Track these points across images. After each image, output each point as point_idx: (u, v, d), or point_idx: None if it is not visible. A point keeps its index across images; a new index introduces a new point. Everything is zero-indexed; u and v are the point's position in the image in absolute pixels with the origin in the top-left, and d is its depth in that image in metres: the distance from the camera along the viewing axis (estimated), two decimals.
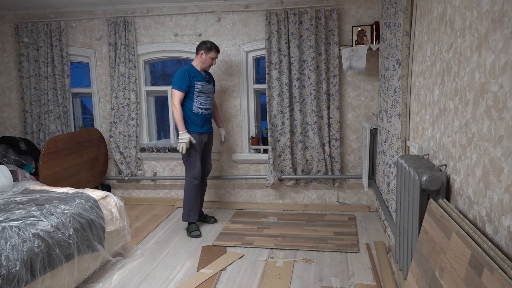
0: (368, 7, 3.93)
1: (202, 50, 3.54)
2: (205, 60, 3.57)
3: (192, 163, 3.59)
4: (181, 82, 3.47)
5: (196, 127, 3.57)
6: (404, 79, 2.61)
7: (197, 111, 3.56)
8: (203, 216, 3.92)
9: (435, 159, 2.00)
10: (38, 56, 4.48)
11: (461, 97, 1.60)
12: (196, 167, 3.60)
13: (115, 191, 4.69)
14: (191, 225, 3.63)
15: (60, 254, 2.37)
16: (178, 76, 3.48)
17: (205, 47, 3.54)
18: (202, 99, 3.58)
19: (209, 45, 3.55)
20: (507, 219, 1.19)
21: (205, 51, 3.54)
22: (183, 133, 3.47)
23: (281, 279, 2.75)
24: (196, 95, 3.54)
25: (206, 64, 3.58)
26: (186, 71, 3.50)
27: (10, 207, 2.62)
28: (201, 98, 3.57)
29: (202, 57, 3.55)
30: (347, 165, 4.20)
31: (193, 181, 3.59)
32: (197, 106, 3.56)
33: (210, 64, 3.61)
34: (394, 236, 2.50)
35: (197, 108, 3.57)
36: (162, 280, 2.78)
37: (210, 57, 3.56)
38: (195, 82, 3.51)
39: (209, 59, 3.57)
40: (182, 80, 3.47)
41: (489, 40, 1.33)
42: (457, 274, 1.26)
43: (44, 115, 4.52)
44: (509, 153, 1.17)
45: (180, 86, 3.47)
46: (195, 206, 3.61)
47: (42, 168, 3.58)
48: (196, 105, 3.56)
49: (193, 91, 3.53)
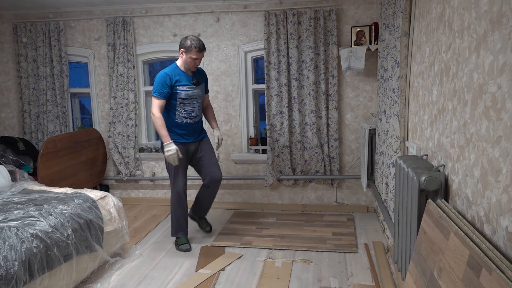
0: (367, 7, 3.93)
1: (182, 48, 3.05)
2: (186, 61, 3.06)
3: (175, 176, 3.19)
4: (160, 87, 3.01)
5: (179, 137, 3.15)
6: (402, 80, 2.62)
7: (180, 120, 3.13)
8: (202, 220, 3.61)
9: (434, 160, 2.00)
10: (37, 56, 4.47)
11: (460, 98, 1.60)
12: (180, 181, 3.19)
13: (113, 191, 4.68)
14: (178, 238, 3.32)
15: (58, 254, 2.36)
16: (158, 81, 3.02)
17: (184, 46, 3.02)
18: (187, 106, 3.12)
19: (189, 43, 3.00)
20: (505, 220, 1.19)
21: (184, 50, 3.03)
22: (169, 144, 2.99)
23: (279, 279, 2.75)
24: (179, 102, 3.09)
25: (188, 65, 3.07)
26: (167, 74, 3.03)
27: (9, 207, 2.62)
28: (186, 105, 3.11)
29: (182, 56, 3.07)
30: (346, 166, 4.20)
31: (177, 196, 3.22)
32: (181, 115, 3.12)
33: (193, 65, 3.08)
34: (393, 236, 2.50)
35: (181, 117, 3.12)
36: (161, 281, 2.78)
37: (190, 57, 3.03)
38: (177, 87, 3.05)
39: (190, 59, 3.04)
40: (162, 86, 3.01)
41: (487, 41, 1.34)
42: (455, 275, 1.26)
43: (43, 115, 4.51)
44: (507, 154, 1.18)
45: (160, 92, 3.02)
46: (183, 221, 3.29)
47: (41, 168, 3.57)
48: (179, 113, 3.11)
49: (176, 97, 3.07)
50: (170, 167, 3.16)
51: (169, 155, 2.97)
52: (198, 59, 3.06)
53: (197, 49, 3.01)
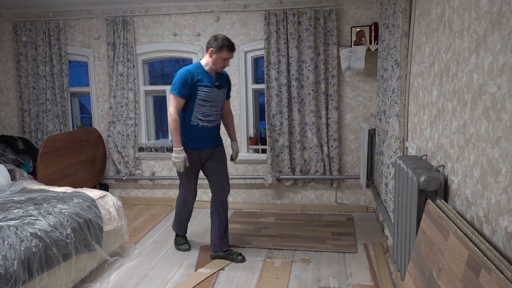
0: (367, 7, 3.93)
1: (211, 48, 2.83)
2: (215, 61, 2.85)
3: (186, 184, 3.02)
4: (181, 86, 2.80)
5: (193, 142, 2.91)
6: (402, 80, 2.62)
7: (196, 123, 2.90)
8: (227, 252, 3.07)
9: (433, 160, 2.00)
10: (37, 55, 4.47)
11: (459, 98, 1.60)
12: (190, 188, 3.04)
13: (113, 190, 4.68)
14: (178, 237, 3.30)
15: (57, 253, 2.36)
16: (179, 78, 2.81)
17: (216, 45, 2.82)
18: (205, 109, 2.90)
19: (220, 43, 2.81)
20: (504, 220, 1.19)
21: (215, 50, 2.82)
22: (179, 150, 2.83)
23: (279, 279, 2.75)
24: (198, 104, 2.87)
25: (217, 65, 2.87)
26: (189, 72, 2.83)
27: (8, 206, 2.62)
28: (204, 107, 2.89)
29: (212, 56, 2.85)
30: (346, 166, 4.20)
31: (184, 201, 3.09)
32: (197, 117, 2.89)
33: (222, 66, 2.89)
34: (392, 236, 2.50)
35: (197, 119, 2.90)
36: (160, 280, 2.78)
37: (221, 58, 2.84)
38: (198, 87, 2.84)
39: (221, 60, 2.85)
40: (183, 84, 2.80)
41: (487, 42, 1.34)
42: (455, 275, 1.26)
43: (42, 114, 4.51)
44: (507, 154, 1.18)
45: (180, 91, 2.80)
46: (185, 222, 3.25)
47: (40, 167, 3.57)
48: (196, 115, 2.89)
49: (195, 98, 2.85)
50: (181, 174, 3.02)
51: (176, 162, 2.84)
52: (228, 60, 2.88)
53: (228, 49, 2.83)
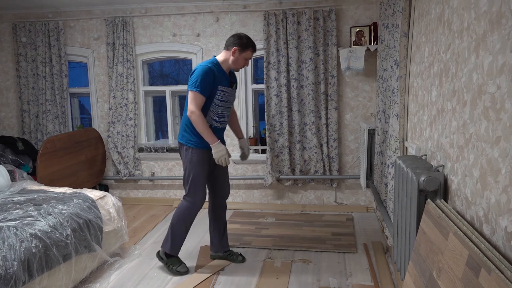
0: (366, 7, 3.94)
1: (236, 46, 2.69)
2: (237, 60, 2.72)
3: (197, 186, 2.77)
4: (204, 83, 2.61)
5: (205, 142, 2.70)
6: (402, 80, 2.62)
7: (210, 123, 2.74)
8: (228, 253, 3.07)
9: (433, 160, 2.00)
10: (36, 56, 4.47)
11: (459, 98, 1.60)
12: (200, 192, 2.79)
13: (113, 191, 4.68)
14: (171, 258, 2.87)
15: (57, 254, 2.36)
16: (201, 75, 2.61)
17: (241, 43, 2.69)
18: (221, 110, 2.76)
19: (245, 41, 2.69)
20: (504, 220, 1.19)
21: (240, 49, 2.69)
22: (217, 145, 2.65)
23: (279, 279, 2.75)
24: (215, 104, 2.72)
25: (238, 65, 2.75)
26: (212, 69, 2.65)
27: (8, 207, 2.61)
28: (220, 108, 2.75)
29: (235, 55, 2.70)
30: (345, 166, 4.20)
31: (193, 208, 2.80)
32: (213, 118, 2.75)
33: (242, 66, 2.78)
34: (392, 236, 2.50)
35: (212, 120, 2.75)
36: (160, 281, 2.78)
37: (244, 58, 2.73)
38: (218, 86, 2.70)
39: (243, 59, 2.74)
40: (206, 81, 2.62)
41: (486, 41, 1.34)
42: (455, 275, 1.26)
43: (42, 114, 4.51)
44: (507, 154, 1.18)
45: (203, 89, 2.61)
46: (184, 236, 2.88)
47: (40, 168, 3.57)
48: (211, 115, 2.74)
49: (213, 98, 2.70)
50: (190, 173, 2.75)
51: (220, 157, 2.66)
52: (248, 60, 2.80)
53: (253, 49, 2.74)
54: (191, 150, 2.74)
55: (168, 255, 2.88)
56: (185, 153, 2.76)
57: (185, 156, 2.77)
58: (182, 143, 2.78)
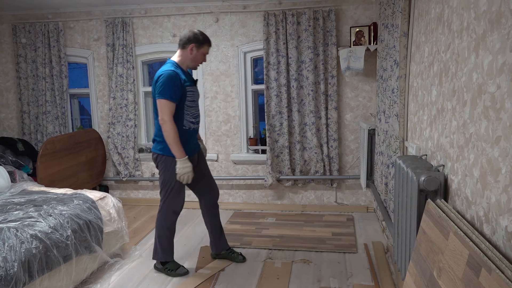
0: (366, 8, 3.94)
1: (192, 43, 2.64)
2: (195, 57, 2.69)
3: (176, 192, 2.71)
4: (172, 89, 2.53)
5: (188, 148, 2.67)
6: (402, 80, 2.62)
7: (188, 127, 2.69)
8: (229, 251, 3.06)
9: (433, 160, 2.00)
10: (36, 57, 4.47)
11: (459, 98, 1.60)
12: (179, 198, 2.75)
13: (113, 192, 4.68)
14: (168, 263, 2.86)
15: (58, 255, 2.36)
16: (168, 82, 2.53)
17: (197, 40, 2.65)
18: (193, 110, 2.72)
19: (201, 37, 2.67)
20: (504, 219, 1.19)
21: (197, 45, 2.66)
22: (185, 160, 2.57)
23: (279, 279, 2.75)
24: (187, 105, 2.65)
25: (197, 62, 2.72)
26: (177, 73, 2.58)
27: (8, 208, 2.61)
28: (192, 108, 2.70)
29: (193, 52, 2.67)
30: (345, 166, 4.20)
31: (172, 215, 2.77)
32: (189, 120, 2.69)
33: (201, 62, 2.75)
34: (392, 236, 2.50)
35: (189, 122, 2.69)
36: (161, 281, 2.77)
37: (202, 53, 2.71)
38: (187, 87, 2.63)
39: (202, 55, 2.71)
40: (174, 87, 2.54)
41: (486, 41, 1.34)
42: (455, 274, 1.26)
43: (42, 116, 4.51)
44: (507, 154, 1.18)
45: (172, 96, 2.53)
46: (172, 241, 2.85)
47: (40, 169, 3.57)
48: (187, 118, 2.68)
49: (184, 100, 2.63)
50: (171, 183, 2.68)
51: (183, 174, 2.58)
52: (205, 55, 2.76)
53: (209, 43, 2.72)
54: (166, 158, 2.66)
55: (163, 262, 2.87)
56: (161, 161, 2.68)
57: (161, 165, 2.68)
58: (158, 153, 2.69)
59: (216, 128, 4.37)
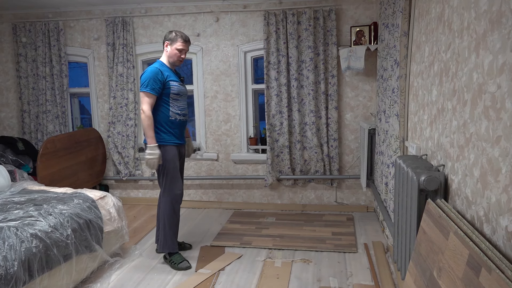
0: (366, 7, 3.94)
1: (166, 41, 2.93)
2: (171, 54, 2.93)
3: (172, 182, 2.93)
4: (153, 83, 2.81)
5: (173, 137, 2.94)
6: (402, 80, 2.62)
7: (174, 118, 2.94)
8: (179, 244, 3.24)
9: (433, 159, 2.00)
10: (36, 56, 4.47)
11: (459, 98, 1.60)
12: (177, 187, 2.94)
13: (113, 191, 4.68)
14: (173, 255, 2.99)
15: (58, 254, 2.36)
16: (149, 76, 2.82)
17: (169, 37, 2.91)
18: (180, 103, 2.97)
19: (174, 34, 2.91)
20: (504, 219, 1.19)
21: (169, 42, 2.91)
22: (154, 147, 2.81)
23: (279, 279, 2.75)
24: (172, 98, 2.92)
25: (173, 58, 2.93)
26: (158, 69, 2.86)
27: (8, 207, 2.61)
28: (178, 101, 2.95)
29: (167, 49, 2.94)
30: (346, 165, 4.20)
31: (174, 205, 2.95)
32: (175, 112, 2.94)
33: (178, 59, 2.94)
34: (392, 236, 2.50)
35: (175, 114, 2.94)
36: (161, 281, 2.78)
37: (176, 48, 2.91)
38: (170, 82, 2.90)
39: (175, 51, 2.91)
40: (154, 81, 2.82)
41: (487, 41, 1.34)
42: (455, 274, 1.26)
43: (42, 115, 4.51)
44: (507, 154, 1.18)
45: (152, 88, 2.82)
46: (177, 233, 3.01)
47: (40, 168, 3.57)
48: (173, 110, 2.93)
49: (169, 93, 2.90)
50: (166, 169, 2.89)
51: (151, 159, 2.79)
52: (184, 51, 2.94)
53: (182, 39, 2.90)
54: (163, 148, 2.89)
55: (170, 253, 3.01)
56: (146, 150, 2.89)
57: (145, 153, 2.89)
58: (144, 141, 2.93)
59: (216, 127, 4.37)
